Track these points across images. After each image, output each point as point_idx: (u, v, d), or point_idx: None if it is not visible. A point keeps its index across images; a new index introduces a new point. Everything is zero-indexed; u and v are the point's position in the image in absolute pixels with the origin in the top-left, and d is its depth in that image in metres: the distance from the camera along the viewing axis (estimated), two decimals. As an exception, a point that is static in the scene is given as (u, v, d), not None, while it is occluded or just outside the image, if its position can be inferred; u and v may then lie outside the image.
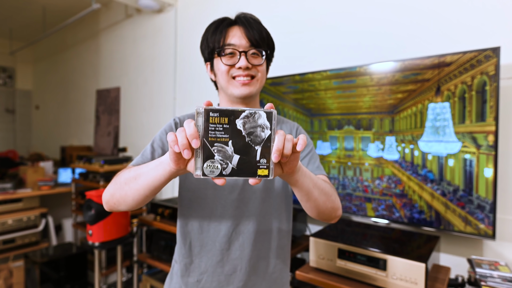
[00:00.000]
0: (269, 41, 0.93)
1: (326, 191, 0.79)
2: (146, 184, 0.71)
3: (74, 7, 3.86)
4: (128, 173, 0.76)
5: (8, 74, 5.62)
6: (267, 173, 0.58)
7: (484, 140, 1.30)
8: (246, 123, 0.57)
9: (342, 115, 1.69)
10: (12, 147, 5.51)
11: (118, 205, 0.79)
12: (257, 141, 0.57)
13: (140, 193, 0.73)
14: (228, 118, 0.57)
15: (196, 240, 0.93)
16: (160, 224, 2.04)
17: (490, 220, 1.29)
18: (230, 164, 0.57)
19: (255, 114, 0.57)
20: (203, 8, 2.73)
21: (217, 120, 0.56)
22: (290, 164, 0.62)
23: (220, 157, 0.57)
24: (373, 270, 1.29)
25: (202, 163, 0.57)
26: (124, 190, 0.76)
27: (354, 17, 1.86)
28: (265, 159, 0.58)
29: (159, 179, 0.68)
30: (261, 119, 0.57)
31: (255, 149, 0.57)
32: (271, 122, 0.57)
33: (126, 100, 3.57)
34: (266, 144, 0.58)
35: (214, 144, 0.57)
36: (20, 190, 3.03)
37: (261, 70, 0.91)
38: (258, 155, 0.58)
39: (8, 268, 2.77)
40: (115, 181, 0.79)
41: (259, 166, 0.58)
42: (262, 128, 0.57)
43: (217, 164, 0.57)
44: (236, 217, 0.91)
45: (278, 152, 0.56)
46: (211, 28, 0.92)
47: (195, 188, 0.92)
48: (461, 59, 1.34)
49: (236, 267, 0.91)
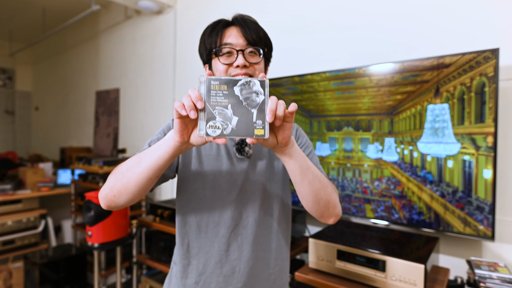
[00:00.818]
0: (266, 40, 0.93)
1: (322, 179, 0.80)
2: (150, 165, 0.73)
3: (73, 9, 3.86)
4: (130, 161, 0.77)
5: (8, 76, 5.62)
6: (263, 132, 0.65)
7: (483, 142, 1.30)
8: (243, 90, 0.65)
9: (341, 117, 1.69)
10: (12, 148, 5.51)
11: (119, 197, 0.78)
12: (253, 105, 0.65)
13: (144, 176, 0.74)
14: (227, 85, 0.64)
15: (194, 241, 0.93)
16: (159, 225, 2.04)
17: (489, 222, 1.29)
18: (230, 124, 0.64)
19: (250, 82, 0.65)
20: (202, 9, 2.74)
21: (217, 87, 0.64)
22: (283, 133, 0.68)
23: (221, 118, 0.64)
24: (372, 271, 1.29)
25: (205, 124, 0.63)
26: (126, 177, 0.76)
27: (353, 18, 1.87)
28: (261, 120, 0.65)
29: (163, 157, 0.71)
30: (256, 86, 0.65)
31: (251, 112, 0.65)
32: (264, 89, 0.65)
33: (126, 101, 3.57)
34: (261, 107, 0.65)
35: (216, 107, 0.64)
36: (19, 191, 3.03)
37: (259, 69, 0.90)
38: (254, 117, 0.65)
39: (7, 269, 2.76)
40: (115, 173, 0.79)
41: (256, 127, 0.65)
42: (257, 94, 0.65)
43: (218, 125, 0.63)
44: (234, 218, 0.91)
45: (272, 112, 0.63)
46: (208, 30, 0.92)
47: (193, 189, 0.92)
48: (460, 61, 1.34)
49: (235, 268, 0.91)
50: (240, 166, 0.92)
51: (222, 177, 0.91)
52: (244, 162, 0.92)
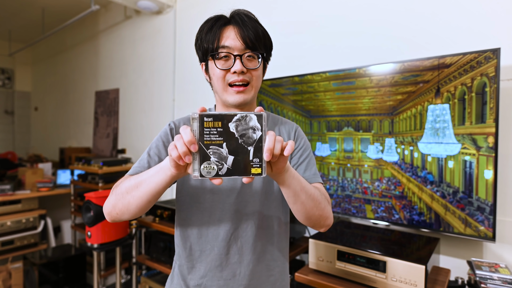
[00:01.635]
0: (265, 40, 0.90)
1: (315, 197, 0.80)
2: (148, 190, 0.74)
3: (73, 9, 3.86)
4: (129, 182, 0.78)
5: (7, 76, 5.61)
6: (260, 171, 0.62)
7: (484, 142, 1.29)
8: (239, 126, 0.61)
9: (342, 117, 1.69)
10: (11, 148, 5.50)
11: (122, 215, 0.80)
12: (249, 142, 0.62)
13: (143, 200, 0.76)
14: (221, 122, 0.61)
15: (196, 244, 0.92)
16: (159, 226, 2.04)
17: (490, 222, 1.28)
18: (226, 164, 0.61)
19: (246, 117, 0.61)
20: (202, 9, 2.73)
21: (211, 124, 0.61)
22: (278, 165, 0.66)
23: (216, 158, 0.61)
24: (372, 272, 1.28)
25: (199, 165, 0.61)
26: (126, 199, 0.77)
27: (353, 19, 1.86)
28: (258, 158, 0.62)
29: (161, 184, 0.72)
30: (252, 121, 0.61)
31: (248, 150, 0.62)
32: (262, 124, 0.62)
33: (125, 101, 3.57)
34: (258, 144, 0.62)
35: (210, 146, 0.61)
36: (19, 191, 3.02)
37: (256, 75, 0.88)
38: (251, 155, 0.62)
39: (7, 270, 2.75)
40: (115, 192, 0.81)
41: (252, 165, 0.62)
42: (254, 130, 0.62)
43: (213, 165, 0.61)
44: (234, 221, 0.90)
45: (269, 151, 0.61)
46: (205, 27, 0.89)
47: (193, 193, 0.92)
48: (461, 61, 1.34)
49: (235, 272, 0.90)
50: None
51: None
52: None
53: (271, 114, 1.03)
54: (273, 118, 1.02)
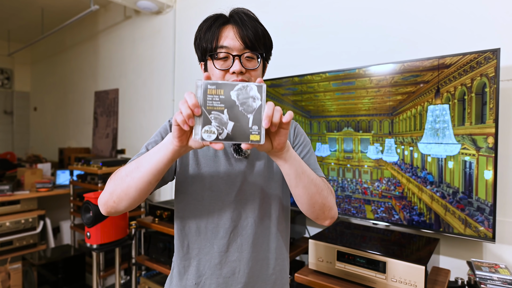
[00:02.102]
0: (265, 39, 0.89)
1: (317, 183, 0.80)
2: (150, 169, 0.73)
3: (72, 9, 3.85)
4: (129, 166, 0.77)
5: (6, 76, 5.61)
6: (259, 138, 0.64)
7: (483, 142, 1.29)
8: (240, 94, 0.64)
9: (341, 117, 1.69)
10: (10, 149, 5.49)
11: (119, 202, 0.78)
12: (249, 110, 0.64)
13: (144, 181, 0.74)
14: (223, 90, 0.64)
15: (194, 242, 0.92)
16: (158, 226, 2.03)
17: (490, 223, 1.28)
18: (226, 129, 0.64)
19: (247, 87, 0.64)
20: (201, 9, 2.73)
21: (214, 91, 0.64)
22: (278, 139, 0.68)
23: (217, 123, 0.63)
24: (372, 273, 1.28)
25: (200, 129, 0.63)
26: (126, 182, 0.76)
27: (353, 19, 1.86)
28: (257, 125, 0.64)
29: (162, 160, 0.71)
30: (253, 91, 0.64)
31: (247, 117, 0.64)
32: (261, 94, 0.65)
33: (125, 101, 3.56)
34: (257, 113, 0.64)
35: (212, 112, 0.64)
36: (18, 192, 3.02)
37: (255, 75, 0.88)
38: (251, 122, 0.64)
39: (5, 270, 2.75)
40: (114, 178, 0.79)
41: (251, 132, 0.64)
42: (254, 99, 0.64)
43: (214, 129, 0.63)
44: (233, 219, 0.90)
45: (268, 118, 0.63)
46: (204, 26, 0.88)
47: (192, 191, 0.91)
48: (461, 61, 1.34)
49: (235, 270, 0.90)
50: (238, 166, 0.91)
51: (220, 178, 0.91)
52: (242, 163, 0.92)
53: None
54: None
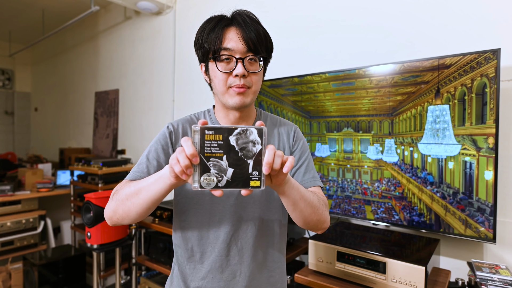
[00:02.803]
0: (267, 42, 0.89)
1: (314, 204, 0.81)
2: (148, 198, 0.75)
3: (73, 10, 3.86)
4: (128, 189, 0.79)
5: (7, 76, 5.61)
6: (259, 184, 0.63)
7: (484, 143, 1.29)
8: (239, 139, 0.63)
9: (341, 117, 1.69)
10: (11, 149, 5.50)
11: (122, 220, 0.82)
12: (249, 155, 0.63)
13: (143, 207, 0.77)
14: (222, 135, 0.62)
15: (197, 246, 0.92)
16: (158, 227, 2.03)
17: (491, 223, 1.28)
18: (225, 176, 0.62)
19: (247, 131, 0.63)
20: (201, 10, 2.73)
21: (212, 137, 0.62)
22: (278, 178, 0.67)
23: (216, 170, 0.62)
24: (372, 273, 1.28)
25: (199, 177, 0.62)
26: (126, 206, 0.79)
27: (353, 19, 1.86)
28: (257, 171, 0.63)
29: (160, 192, 0.73)
30: (253, 135, 0.63)
31: (247, 163, 0.63)
32: (262, 138, 0.63)
33: (125, 102, 3.57)
34: (258, 158, 0.63)
35: (210, 159, 0.62)
36: (18, 192, 3.02)
37: (257, 79, 0.88)
38: (251, 168, 0.63)
39: (6, 270, 2.75)
40: (116, 198, 0.82)
41: (251, 178, 0.63)
42: (254, 144, 0.63)
43: (213, 177, 0.62)
44: (234, 223, 0.90)
45: (268, 165, 0.62)
46: (207, 27, 0.87)
47: (193, 195, 0.91)
48: (461, 61, 1.34)
49: (236, 273, 0.90)
50: None
51: None
52: None
53: (269, 114, 1.02)
54: (272, 119, 1.01)
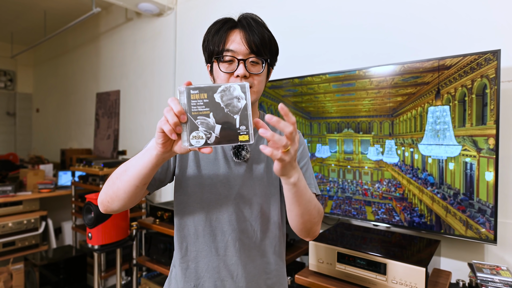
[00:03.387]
0: (271, 45, 0.90)
1: (312, 212, 0.82)
2: (135, 173, 0.75)
3: (74, 11, 3.87)
4: (119, 169, 0.81)
5: (9, 77, 5.63)
6: (248, 138, 0.64)
7: (484, 144, 1.29)
8: (224, 96, 0.64)
9: (342, 118, 1.69)
10: (13, 150, 5.51)
11: (112, 203, 0.82)
12: (235, 111, 0.64)
13: (131, 184, 0.76)
14: (207, 94, 0.63)
15: (193, 245, 0.92)
16: (159, 227, 2.04)
17: (491, 224, 1.28)
18: (214, 133, 0.63)
19: (230, 88, 0.64)
20: (202, 11, 2.74)
21: (197, 96, 0.63)
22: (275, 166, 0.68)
23: (204, 128, 0.63)
24: (372, 274, 1.28)
25: (188, 136, 0.63)
26: (116, 185, 0.79)
27: (353, 20, 1.86)
28: (244, 125, 0.63)
29: (146, 166, 0.72)
30: (236, 91, 0.64)
31: (234, 118, 0.63)
32: (245, 93, 0.64)
33: (126, 103, 3.57)
34: (244, 113, 0.64)
35: (197, 117, 0.63)
36: (20, 193, 3.03)
37: (259, 80, 0.88)
38: (238, 123, 0.63)
39: (8, 271, 2.76)
40: (108, 180, 0.83)
41: (240, 133, 0.64)
42: (238, 99, 0.64)
43: (202, 134, 0.63)
44: (232, 222, 0.90)
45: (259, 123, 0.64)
46: (213, 29, 0.89)
47: (191, 193, 0.91)
48: (461, 62, 1.34)
49: (233, 273, 0.90)
50: (238, 170, 0.91)
51: (219, 181, 0.90)
52: (242, 166, 0.91)
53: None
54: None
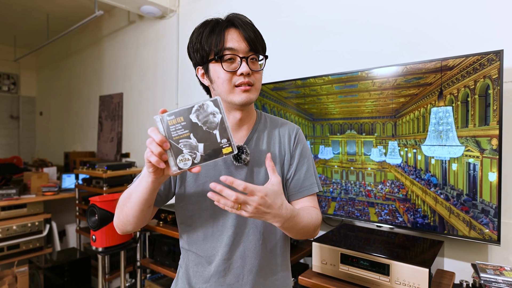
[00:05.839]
0: (263, 43, 0.92)
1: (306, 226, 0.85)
2: (137, 200, 0.80)
3: (77, 14, 3.89)
4: (124, 195, 0.86)
5: (12, 81, 5.67)
6: (231, 149, 0.67)
7: (487, 144, 1.29)
8: (199, 115, 0.66)
9: (344, 120, 1.69)
10: (17, 153, 5.54)
11: (125, 227, 0.88)
12: (213, 126, 0.66)
13: (136, 209, 0.81)
14: (183, 116, 0.66)
15: (202, 250, 0.92)
16: (163, 230, 2.04)
17: (495, 225, 1.28)
18: (198, 152, 0.66)
19: (204, 105, 0.66)
20: (204, 13, 2.72)
21: (174, 121, 0.66)
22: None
23: (188, 149, 0.66)
24: (376, 275, 1.28)
25: (175, 160, 0.66)
26: (124, 212, 0.85)
27: (356, 22, 1.87)
28: (225, 138, 0.66)
29: (146, 191, 0.77)
30: (210, 107, 0.66)
31: (214, 134, 0.66)
32: (219, 107, 0.67)
33: (129, 105, 3.59)
34: (222, 126, 0.66)
35: (179, 141, 0.66)
36: (24, 196, 3.04)
37: (259, 77, 0.90)
38: (218, 137, 0.66)
39: (12, 274, 2.77)
40: (117, 206, 0.89)
41: (222, 146, 0.66)
42: (214, 115, 0.66)
43: (187, 156, 0.66)
44: (236, 226, 0.90)
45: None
46: (205, 30, 0.89)
47: (195, 200, 0.92)
48: (464, 63, 1.34)
49: (238, 277, 0.90)
50: (239, 173, 0.91)
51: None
52: (243, 170, 0.92)
53: (269, 116, 1.03)
54: (272, 120, 1.01)
